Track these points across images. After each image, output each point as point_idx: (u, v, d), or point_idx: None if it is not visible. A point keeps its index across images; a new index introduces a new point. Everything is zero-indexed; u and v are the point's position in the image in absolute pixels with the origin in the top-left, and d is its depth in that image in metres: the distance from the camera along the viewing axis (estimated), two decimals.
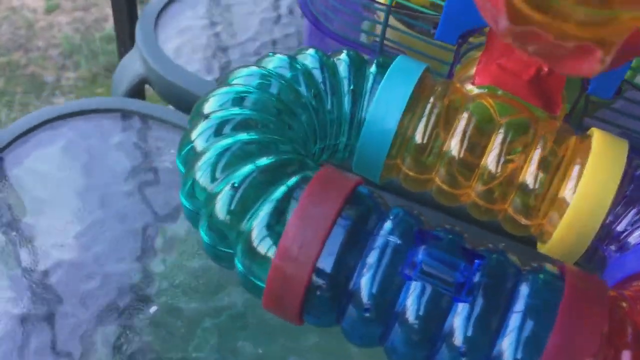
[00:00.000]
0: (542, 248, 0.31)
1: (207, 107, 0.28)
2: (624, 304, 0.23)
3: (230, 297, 0.36)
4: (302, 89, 0.30)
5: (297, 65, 0.31)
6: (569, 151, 0.29)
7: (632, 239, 0.28)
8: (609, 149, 0.29)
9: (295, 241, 0.23)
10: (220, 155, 0.26)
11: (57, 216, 0.38)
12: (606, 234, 0.28)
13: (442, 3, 0.32)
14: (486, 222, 0.33)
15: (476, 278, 0.23)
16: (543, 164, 0.29)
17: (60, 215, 0.38)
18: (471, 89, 0.32)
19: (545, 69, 0.32)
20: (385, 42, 0.37)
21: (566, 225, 0.28)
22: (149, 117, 0.45)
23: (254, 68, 0.30)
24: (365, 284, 0.23)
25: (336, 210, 0.23)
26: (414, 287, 0.23)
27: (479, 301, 0.22)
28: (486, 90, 0.32)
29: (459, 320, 0.22)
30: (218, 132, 0.27)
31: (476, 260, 0.23)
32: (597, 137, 0.29)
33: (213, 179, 0.25)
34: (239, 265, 0.25)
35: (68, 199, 0.39)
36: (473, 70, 0.34)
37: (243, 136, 0.26)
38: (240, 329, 0.35)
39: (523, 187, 0.29)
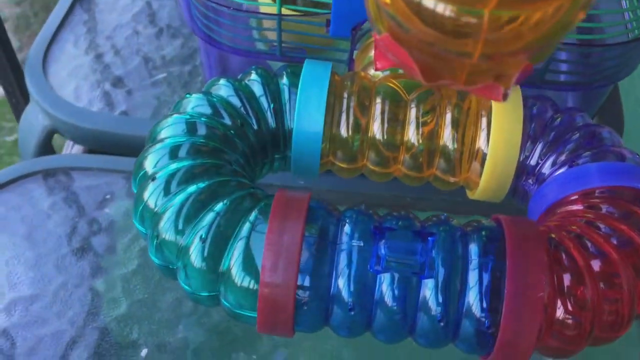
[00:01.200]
0: (472, 195, 0.35)
1: (149, 166, 0.30)
2: (553, 235, 0.27)
3: (212, 317, 0.38)
4: (226, 120, 0.32)
5: (214, 99, 0.33)
6: (472, 104, 0.33)
7: (545, 170, 0.32)
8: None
9: (273, 271, 0.25)
10: (179, 211, 0.27)
11: (19, 295, 0.39)
12: (522, 171, 0.33)
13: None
14: None
15: (433, 254, 0.26)
16: (454, 123, 0.33)
17: (22, 292, 0.39)
18: (375, 74, 0.35)
19: None
20: (284, 44, 0.39)
21: (489, 172, 0.32)
22: (71, 169, 0.45)
23: (176, 116, 0.32)
24: (343, 287, 0.26)
25: (300, 234, 0.26)
26: (385, 277, 0.26)
27: (441, 272, 0.26)
28: (388, 72, 0.35)
29: (429, 293, 0.26)
30: (167, 190, 0.28)
31: (429, 238, 0.27)
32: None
33: (179, 233, 0.27)
34: (225, 303, 0.27)
35: (23, 276, 0.40)
36: (372, 53, 0.37)
37: (192, 188, 0.28)
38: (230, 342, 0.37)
39: (445, 150, 0.33)
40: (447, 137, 0.33)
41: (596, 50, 0.39)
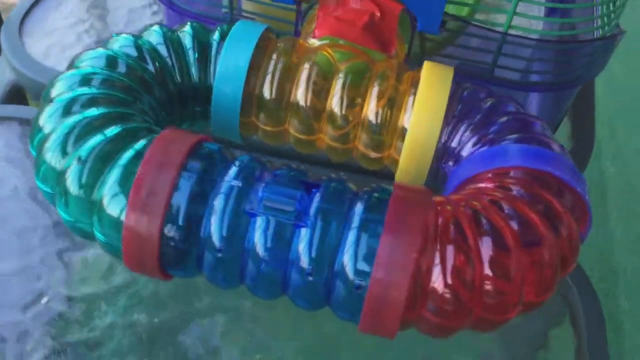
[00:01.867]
0: (397, 178, 0.33)
1: (54, 92, 0.29)
2: (449, 207, 0.26)
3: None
4: (149, 66, 0.32)
5: (142, 43, 0.32)
6: (404, 82, 0.32)
7: (464, 152, 0.30)
8: (435, 76, 0.31)
9: (142, 199, 0.24)
10: (67, 132, 0.27)
11: None
12: (443, 153, 0.31)
13: None
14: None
15: (315, 204, 0.25)
16: (380, 98, 0.32)
17: None
18: (313, 42, 0.34)
19: (378, 14, 0.35)
20: (242, 14, 0.39)
21: (408, 150, 0.31)
22: (28, 122, 0.45)
23: (100, 50, 0.31)
24: (215, 228, 0.25)
25: (176, 168, 0.25)
26: (259, 222, 0.25)
27: (319, 224, 0.24)
28: (327, 41, 0.34)
29: (302, 246, 0.24)
30: (66, 112, 0.28)
31: (313, 190, 0.25)
32: (425, 67, 0.32)
33: (63, 156, 0.26)
34: (98, 235, 0.26)
35: None
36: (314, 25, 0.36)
37: (91, 112, 0.27)
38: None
39: (368, 124, 0.32)
40: (371, 111, 0.32)
41: (557, 47, 0.38)
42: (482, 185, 0.28)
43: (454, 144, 0.31)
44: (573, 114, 0.48)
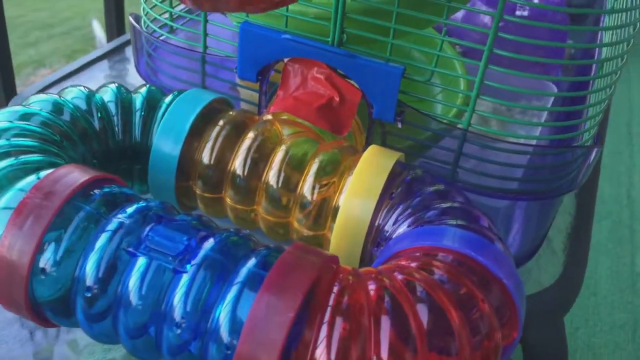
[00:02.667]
0: None
1: None
2: (351, 277, 0.23)
3: None
4: (93, 119, 0.31)
5: (93, 98, 0.32)
6: (345, 165, 0.31)
7: (396, 234, 0.28)
8: (375, 159, 0.30)
9: (16, 232, 0.23)
10: None
11: None
12: (376, 236, 0.29)
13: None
14: None
15: (202, 252, 0.23)
16: (318, 175, 0.30)
17: None
18: (266, 117, 0.34)
19: (337, 98, 0.34)
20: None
21: (339, 231, 0.29)
22: None
23: (53, 96, 0.32)
24: (90, 266, 0.23)
25: (62, 200, 0.23)
26: (139, 263, 0.23)
27: (201, 273, 0.22)
28: (281, 116, 0.34)
29: (179, 295, 0.22)
30: None
31: (208, 238, 0.23)
32: (368, 150, 0.31)
33: None
34: None
35: None
36: None
37: (18, 141, 0.27)
38: None
39: (302, 200, 0.30)
40: (307, 187, 0.30)
41: (530, 152, 0.36)
42: (404, 262, 0.25)
43: (387, 227, 0.29)
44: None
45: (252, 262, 0.23)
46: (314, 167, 0.30)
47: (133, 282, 0.22)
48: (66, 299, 0.23)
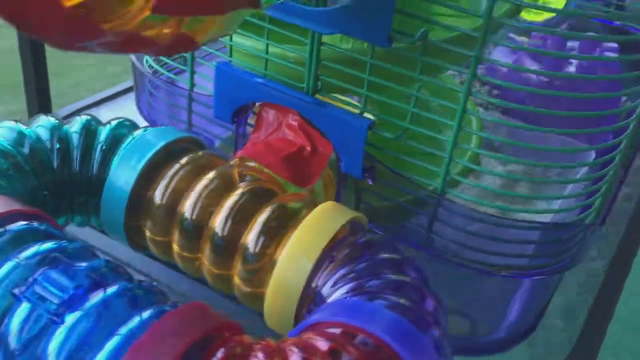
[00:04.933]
0: (265, 318, 0.29)
1: None
2: (239, 349, 0.21)
3: None
4: (53, 152, 0.31)
5: (60, 130, 0.32)
6: (296, 219, 0.29)
7: (331, 300, 0.26)
8: (324, 216, 0.28)
9: None
10: None
11: None
12: (312, 299, 0.27)
13: None
14: None
15: (89, 302, 0.21)
16: (264, 229, 0.28)
17: None
18: (234, 160, 0.33)
19: (308, 149, 0.32)
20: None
21: (272, 289, 0.27)
22: None
23: (18, 125, 0.32)
24: None
25: None
26: (21, 307, 0.21)
27: (79, 324, 0.21)
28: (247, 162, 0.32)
29: (52, 349, 0.21)
30: None
31: (101, 288, 0.22)
32: (321, 206, 0.29)
33: None
34: None
35: None
36: None
37: None
38: None
39: (244, 251, 0.28)
40: (251, 239, 0.28)
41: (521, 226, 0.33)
42: (314, 338, 0.23)
43: (325, 289, 0.26)
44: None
45: (145, 314, 0.21)
46: (261, 218, 0.29)
47: (14, 326, 0.21)
48: None
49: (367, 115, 0.31)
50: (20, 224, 0.25)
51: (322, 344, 0.22)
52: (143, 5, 0.16)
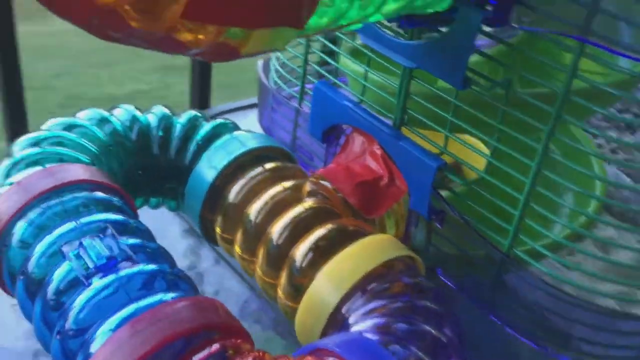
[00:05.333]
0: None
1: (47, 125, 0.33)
2: (230, 352, 0.22)
3: None
4: (156, 140, 0.34)
5: (168, 120, 0.35)
6: (347, 244, 0.29)
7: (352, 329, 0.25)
8: (374, 247, 0.28)
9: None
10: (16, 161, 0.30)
11: None
12: (340, 324, 0.26)
13: None
14: None
15: (116, 275, 0.23)
16: (315, 245, 0.29)
17: None
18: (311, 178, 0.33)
19: (385, 180, 0.32)
20: None
21: (303, 306, 0.27)
22: None
23: (134, 110, 0.35)
24: (37, 250, 0.25)
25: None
26: (65, 264, 0.24)
27: (102, 292, 0.23)
28: (320, 181, 0.33)
29: (76, 302, 0.23)
30: (34, 144, 0.31)
31: (130, 262, 0.24)
32: (374, 236, 0.28)
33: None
34: None
35: None
36: None
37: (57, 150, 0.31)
38: None
39: (291, 265, 0.29)
40: (300, 252, 0.29)
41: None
42: None
43: (354, 316, 0.26)
44: None
45: (157, 297, 0.23)
46: (315, 234, 0.29)
47: (54, 278, 0.24)
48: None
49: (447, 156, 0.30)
50: (97, 193, 0.28)
51: None
52: (176, 10, 0.17)
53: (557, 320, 0.30)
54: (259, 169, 0.33)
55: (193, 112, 0.36)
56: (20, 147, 0.31)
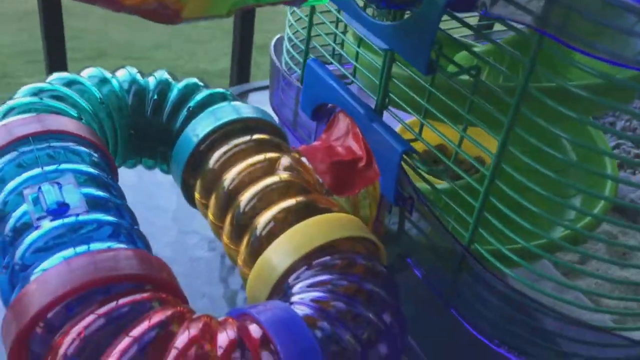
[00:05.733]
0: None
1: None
2: (155, 305, 0.23)
3: None
4: (129, 96, 0.35)
5: (139, 81, 0.36)
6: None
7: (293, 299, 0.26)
8: (332, 223, 0.28)
9: None
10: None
11: None
12: (283, 292, 0.27)
13: None
14: None
15: (62, 221, 0.25)
16: (275, 219, 0.29)
17: None
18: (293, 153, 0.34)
19: (363, 163, 0.32)
20: None
21: (255, 270, 0.28)
22: None
23: (102, 71, 0.36)
24: (2, 194, 0.27)
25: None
26: (23, 205, 0.26)
27: (46, 235, 0.24)
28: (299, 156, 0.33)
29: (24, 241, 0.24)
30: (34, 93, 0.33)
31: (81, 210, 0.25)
32: (338, 214, 0.29)
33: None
34: None
35: None
36: None
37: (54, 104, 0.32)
38: None
39: (252, 232, 0.29)
40: (261, 223, 0.29)
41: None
42: (224, 324, 0.23)
43: (296, 288, 0.26)
44: None
45: (95, 245, 0.24)
46: (283, 204, 0.29)
47: (13, 216, 0.26)
48: None
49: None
50: (73, 145, 0.29)
51: (229, 334, 0.23)
52: None
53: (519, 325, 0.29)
54: (243, 138, 0.33)
55: (193, 80, 0.37)
56: (22, 94, 0.33)
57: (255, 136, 0.34)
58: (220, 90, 0.37)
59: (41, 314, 0.21)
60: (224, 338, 0.22)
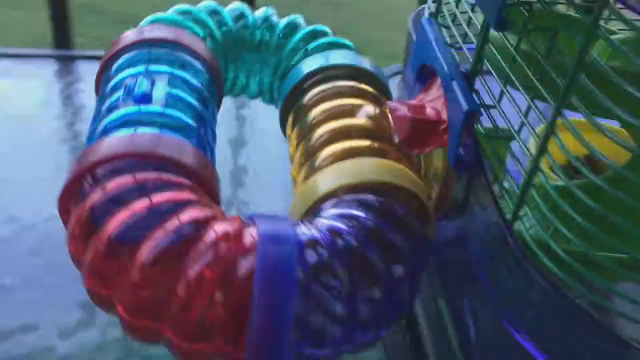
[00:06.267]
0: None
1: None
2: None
3: None
4: (235, 28, 0.38)
5: (248, 16, 0.38)
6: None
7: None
8: (380, 168, 0.28)
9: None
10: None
11: None
12: (314, 213, 0.28)
13: None
14: None
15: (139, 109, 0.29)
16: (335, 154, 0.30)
17: None
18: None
19: (445, 125, 0.32)
20: None
21: (300, 192, 0.30)
22: None
23: (215, 4, 0.38)
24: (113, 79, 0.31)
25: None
26: (121, 90, 0.30)
27: (123, 112, 0.28)
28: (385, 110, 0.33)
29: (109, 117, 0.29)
30: None
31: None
32: (389, 161, 0.29)
33: None
34: None
35: None
36: None
37: None
38: None
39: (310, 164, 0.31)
40: (322, 156, 0.31)
41: None
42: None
43: (325, 212, 0.27)
44: None
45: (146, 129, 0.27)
46: (344, 144, 0.30)
47: (111, 98, 0.30)
48: None
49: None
50: (186, 56, 0.33)
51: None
52: None
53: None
54: (346, 83, 0.34)
55: (295, 17, 0.39)
56: (172, 11, 0.38)
57: (359, 85, 0.35)
58: (320, 27, 0.38)
59: (94, 166, 0.25)
60: (222, 228, 0.24)
